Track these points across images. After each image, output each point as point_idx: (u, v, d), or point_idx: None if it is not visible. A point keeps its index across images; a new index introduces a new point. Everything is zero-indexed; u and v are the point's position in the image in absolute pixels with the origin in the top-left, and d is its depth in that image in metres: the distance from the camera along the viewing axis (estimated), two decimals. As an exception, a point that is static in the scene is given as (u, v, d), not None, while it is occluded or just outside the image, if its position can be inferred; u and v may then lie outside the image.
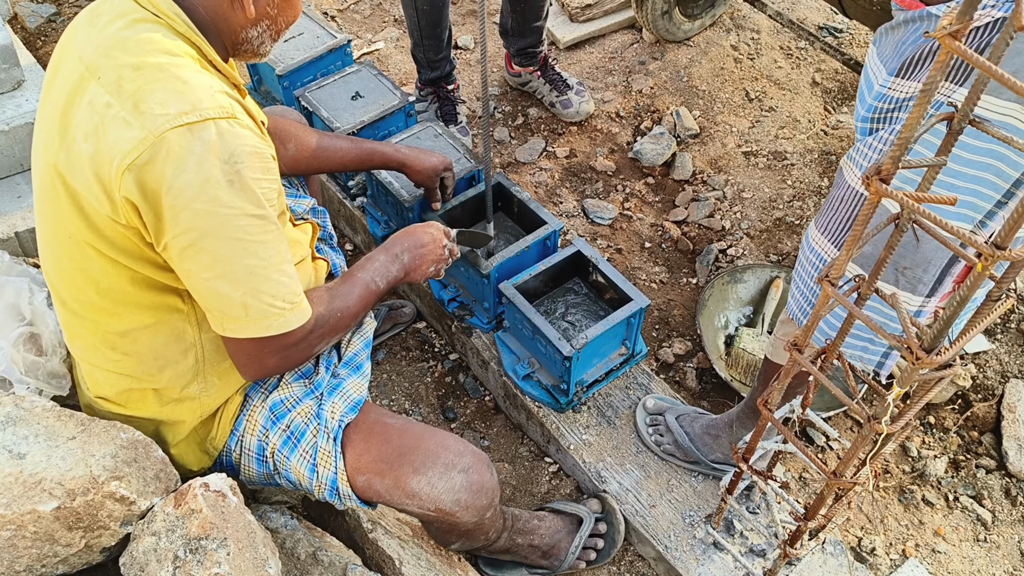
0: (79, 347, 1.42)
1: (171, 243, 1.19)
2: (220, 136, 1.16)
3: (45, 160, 1.26)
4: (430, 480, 1.48)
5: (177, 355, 1.39)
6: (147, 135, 1.14)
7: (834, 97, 3.23)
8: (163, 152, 1.14)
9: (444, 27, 2.75)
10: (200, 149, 1.15)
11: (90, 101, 1.18)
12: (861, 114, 1.42)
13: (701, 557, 1.90)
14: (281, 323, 1.28)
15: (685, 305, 2.59)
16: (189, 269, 1.22)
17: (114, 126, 1.15)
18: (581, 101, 3.07)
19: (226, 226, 1.18)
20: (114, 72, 1.18)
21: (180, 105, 1.15)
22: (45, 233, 1.34)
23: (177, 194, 1.15)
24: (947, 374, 1.11)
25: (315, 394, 1.55)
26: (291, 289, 1.29)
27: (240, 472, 1.57)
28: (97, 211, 1.20)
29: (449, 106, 2.93)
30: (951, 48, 0.79)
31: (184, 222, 1.17)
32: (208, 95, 1.18)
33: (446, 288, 2.34)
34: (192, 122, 1.15)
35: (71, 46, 1.27)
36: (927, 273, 1.39)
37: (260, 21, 1.33)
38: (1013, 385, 2.30)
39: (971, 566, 2.06)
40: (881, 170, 0.94)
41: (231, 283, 1.22)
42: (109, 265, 1.26)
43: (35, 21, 3.43)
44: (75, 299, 1.34)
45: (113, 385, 1.42)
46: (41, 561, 1.26)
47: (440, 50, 2.80)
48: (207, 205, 1.16)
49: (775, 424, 1.40)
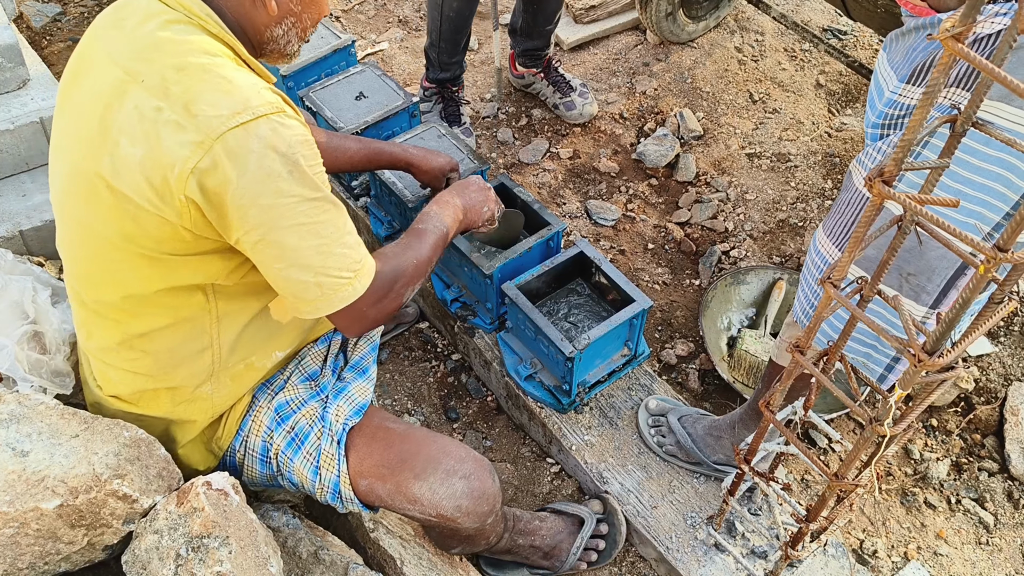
0: (96, 346, 1.42)
1: (243, 239, 1.23)
2: (274, 131, 1.18)
3: (77, 163, 1.27)
4: (431, 486, 1.48)
5: (194, 355, 1.40)
6: (204, 138, 1.15)
7: (838, 99, 3.22)
8: (223, 154, 1.16)
9: (465, 33, 2.76)
10: (258, 146, 1.17)
11: (136, 105, 1.19)
12: (871, 120, 1.42)
13: (703, 558, 1.90)
14: (350, 292, 1.31)
15: (688, 306, 2.59)
16: (262, 261, 1.26)
17: (168, 130, 1.17)
18: (584, 103, 3.06)
19: (290, 215, 1.22)
20: (157, 75, 1.19)
21: (232, 105, 1.17)
22: (71, 234, 1.35)
23: (242, 193, 1.18)
24: (950, 376, 1.11)
25: (320, 396, 1.55)
26: (353, 257, 1.31)
27: (243, 473, 1.57)
28: (146, 211, 1.21)
29: (453, 107, 2.93)
30: (954, 50, 0.79)
31: (252, 219, 1.20)
32: (255, 92, 1.20)
33: (449, 288, 2.34)
34: (246, 121, 1.17)
35: (97, 48, 1.27)
36: (931, 282, 1.39)
37: (284, 19, 1.34)
38: (1016, 388, 2.30)
39: (973, 569, 2.06)
40: (884, 172, 0.94)
41: (302, 269, 1.26)
42: (145, 264, 1.27)
43: (40, 20, 3.44)
44: (97, 300, 1.35)
45: (128, 384, 1.43)
46: (44, 559, 1.26)
47: (455, 54, 2.81)
48: (271, 199, 1.19)
49: (777, 426, 1.40)
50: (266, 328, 1.47)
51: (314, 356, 1.62)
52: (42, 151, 2.30)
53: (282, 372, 1.58)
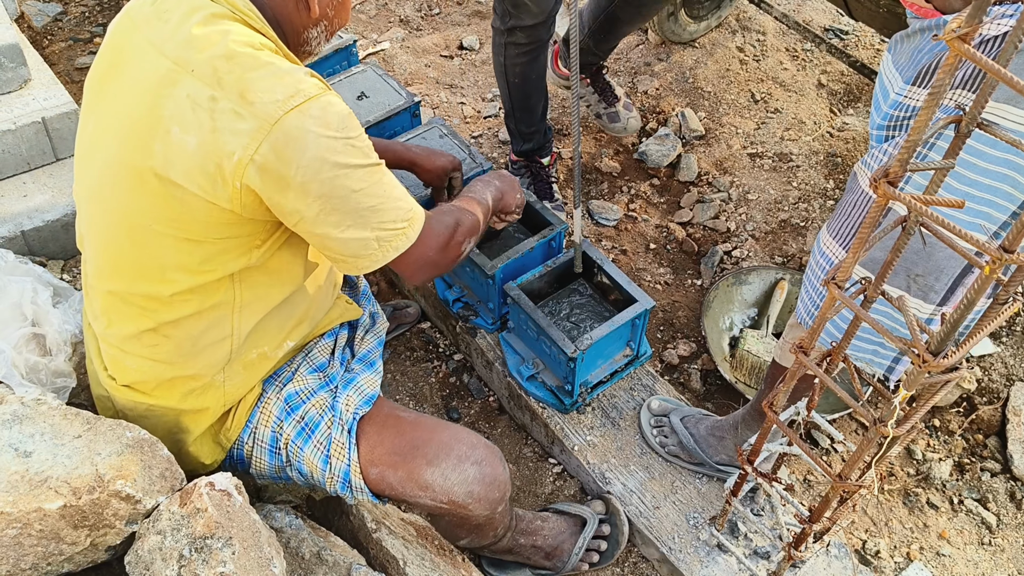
0: (116, 334, 1.43)
1: (305, 214, 1.28)
2: (324, 110, 1.24)
3: (120, 154, 1.29)
4: (443, 472, 1.49)
5: (214, 343, 1.42)
6: (262, 124, 1.20)
7: (840, 99, 3.22)
8: (283, 138, 1.21)
9: (538, 99, 2.57)
10: (314, 126, 1.22)
11: (188, 94, 1.22)
12: (877, 122, 1.42)
13: (705, 559, 1.90)
14: (405, 240, 1.37)
15: (690, 307, 2.58)
16: (325, 233, 1.31)
17: (225, 119, 1.21)
18: (629, 116, 2.90)
19: (348, 184, 1.27)
20: (207, 65, 1.22)
21: (285, 90, 1.22)
22: (105, 224, 1.37)
23: (305, 171, 1.23)
24: (953, 377, 1.11)
25: (330, 387, 1.57)
26: (404, 208, 1.37)
27: (251, 465, 1.58)
28: (195, 196, 1.25)
29: (543, 184, 2.75)
30: (959, 51, 0.79)
31: (314, 193, 1.25)
32: (302, 76, 1.26)
33: (451, 288, 2.34)
34: (300, 103, 1.22)
35: (139, 40, 1.30)
36: (939, 282, 1.39)
37: (320, 21, 1.40)
38: (1018, 388, 2.30)
39: (975, 569, 2.06)
40: (889, 173, 0.94)
41: (362, 227, 1.32)
42: (187, 248, 1.31)
43: (42, 20, 3.44)
44: (129, 288, 1.37)
45: (145, 372, 1.45)
46: (47, 559, 1.26)
47: (532, 123, 2.62)
48: (331, 172, 1.25)
49: (780, 427, 1.40)
50: (280, 318, 1.49)
51: (321, 349, 1.63)
52: (44, 151, 2.30)
53: (290, 364, 1.59)
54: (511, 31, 2.34)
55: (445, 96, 3.25)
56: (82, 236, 1.46)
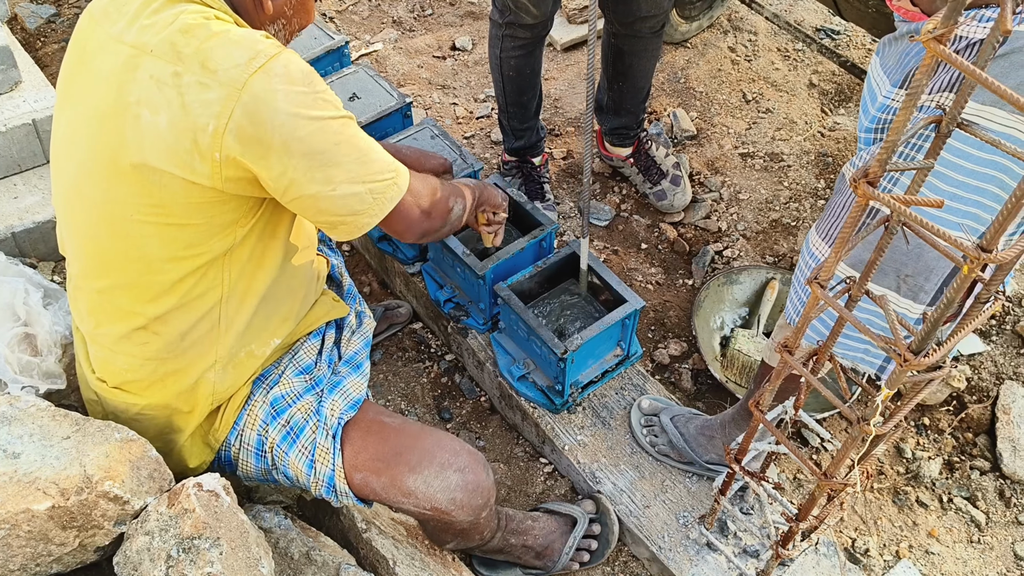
0: (105, 333, 1.43)
1: (294, 177, 1.27)
2: (286, 67, 1.24)
3: (94, 148, 1.29)
4: (426, 479, 1.49)
5: (202, 336, 1.43)
6: (230, 91, 1.20)
7: (831, 99, 3.23)
8: (252, 101, 1.20)
9: (532, 96, 2.58)
10: (280, 84, 1.22)
11: (151, 75, 1.22)
12: (864, 125, 1.43)
13: (695, 558, 1.91)
14: (397, 191, 1.37)
15: (681, 306, 2.59)
16: (317, 192, 1.29)
17: (192, 92, 1.21)
18: (675, 191, 2.79)
19: (328, 136, 1.27)
20: (165, 42, 1.23)
21: (244, 53, 1.22)
22: (85, 222, 1.36)
23: (282, 130, 1.23)
24: (936, 376, 1.12)
25: (316, 390, 1.57)
26: (387, 159, 1.38)
27: (238, 467, 1.58)
28: (174, 177, 1.24)
29: (535, 184, 2.74)
30: (935, 52, 0.79)
31: (297, 151, 1.25)
32: (259, 38, 1.26)
33: (442, 289, 2.34)
34: (263, 64, 1.22)
35: (99, 34, 1.30)
36: (928, 282, 1.40)
37: (277, 19, 1.39)
38: (1008, 387, 2.30)
39: (964, 567, 2.07)
40: (868, 173, 0.95)
41: (352, 182, 1.31)
42: (171, 233, 1.30)
43: (35, 22, 3.43)
44: (115, 285, 1.37)
45: (136, 371, 1.44)
46: (35, 560, 1.27)
47: (526, 119, 2.63)
48: (308, 127, 1.24)
49: (767, 425, 1.41)
50: (266, 312, 1.49)
51: (308, 350, 1.63)
52: (34, 153, 2.30)
53: (277, 365, 1.59)
54: (509, 25, 2.36)
55: (438, 97, 3.25)
56: (63, 240, 1.46)
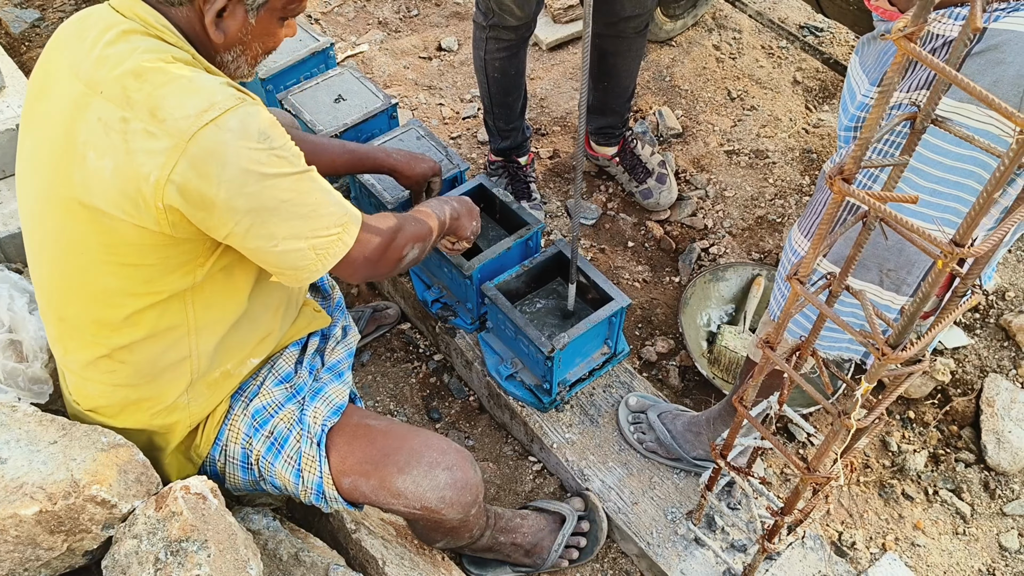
0: (74, 361, 1.42)
1: (234, 230, 1.23)
2: (242, 122, 1.19)
3: (48, 183, 1.26)
4: (415, 479, 1.49)
5: (173, 364, 1.40)
6: (176, 141, 1.16)
7: (815, 96, 3.25)
8: (200, 153, 1.16)
9: (517, 96, 2.59)
10: (232, 139, 1.18)
11: (99, 117, 1.19)
12: (844, 123, 1.44)
13: (683, 553, 1.92)
14: (342, 246, 1.34)
15: (668, 304, 2.60)
16: (258, 247, 1.27)
17: (137, 139, 1.17)
18: (661, 190, 2.82)
19: (276, 194, 1.23)
20: (116, 84, 1.19)
21: (197, 104, 1.17)
22: (46, 253, 1.34)
23: (229, 186, 1.19)
24: (915, 369, 1.13)
25: (297, 399, 1.56)
26: (337, 213, 1.34)
27: (225, 480, 1.58)
28: (122, 222, 1.21)
29: (521, 184, 2.75)
30: (905, 49, 0.80)
31: (242, 208, 1.21)
32: (217, 88, 1.21)
33: (429, 289, 2.35)
34: (215, 117, 1.17)
35: (60, 62, 1.27)
36: (911, 275, 1.42)
37: (231, 47, 1.34)
38: (992, 379, 2.33)
39: (950, 559, 2.08)
40: (844, 170, 0.96)
41: (296, 238, 1.28)
42: (127, 272, 1.27)
43: (19, 26, 3.42)
44: (77, 314, 1.35)
45: (107, 397, 1.43)
46: (23, 565, 1.27)
47: (511, 120, 2.64)
48: (255, 185, 1.21)
49: (751, 420, 1.42)
50: (241, 335, 1.47)
51: (287, 358, 1.62)
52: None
53: (255, 377, 1.58)
54: (493, 27, 2.36)
55: (424, 97, 3.26)
56: (30, 265, 1.43)
